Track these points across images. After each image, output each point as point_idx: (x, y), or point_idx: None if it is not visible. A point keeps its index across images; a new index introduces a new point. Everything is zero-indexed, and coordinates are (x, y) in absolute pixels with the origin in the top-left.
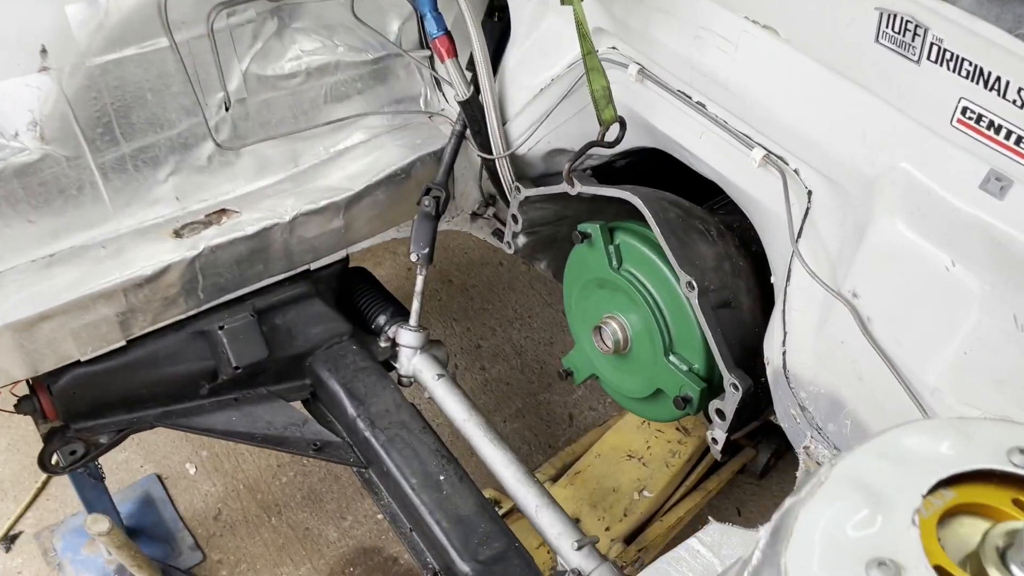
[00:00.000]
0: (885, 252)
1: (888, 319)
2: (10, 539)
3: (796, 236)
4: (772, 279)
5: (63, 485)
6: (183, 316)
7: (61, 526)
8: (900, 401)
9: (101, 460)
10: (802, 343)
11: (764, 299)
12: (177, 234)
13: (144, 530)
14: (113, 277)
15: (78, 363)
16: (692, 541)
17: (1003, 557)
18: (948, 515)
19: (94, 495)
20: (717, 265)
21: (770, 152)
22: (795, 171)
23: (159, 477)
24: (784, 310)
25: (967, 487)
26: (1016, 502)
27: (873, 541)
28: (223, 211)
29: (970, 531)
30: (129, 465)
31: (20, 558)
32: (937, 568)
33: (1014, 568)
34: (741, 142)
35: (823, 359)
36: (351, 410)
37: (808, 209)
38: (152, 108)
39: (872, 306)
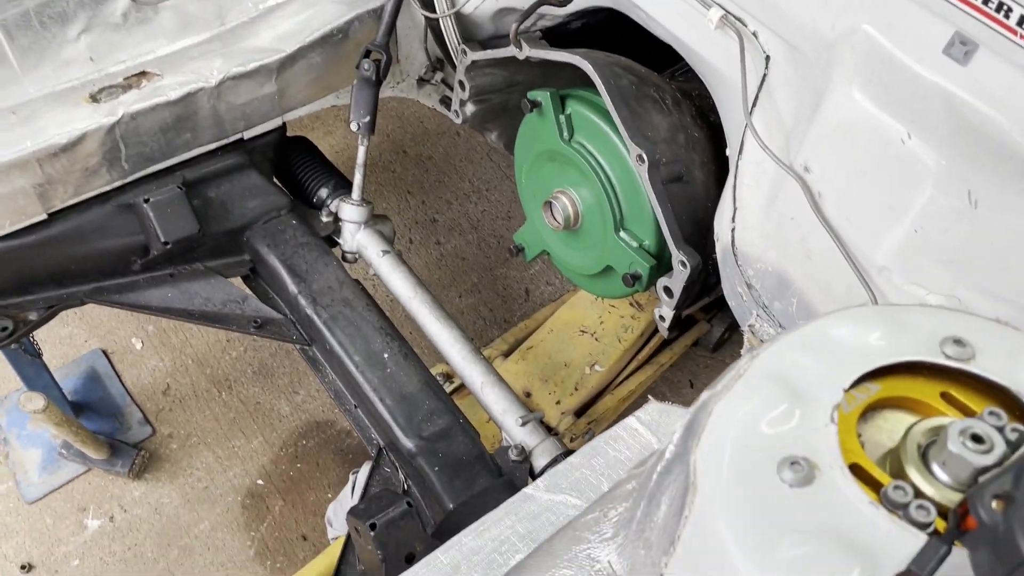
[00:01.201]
0: (840, 123)
1: (839, 195)
2: None
3: (750, 106)
4: (727, 151)
5: (5, 360)
6: (108, 188)
7: (5, 401)
8: (848, 280)
9: (41, 335)
10: (752, 219)
11: (719, 173)
12: (94, 99)
13: (91, 405)
14: (26, 145)
15: None
16: (630, 419)
17: (924, 455)
18: (873, 409)
19: (32, 371)
20: (670, 136)
21: (728, 12)
22: (753, 34)
23: (104, 352)
24: (735, 185)
25: (894, 380)
26: (945, 396)
27: (788, 438)
28: (143, 74)
29: (894, 427)
30: (73, 340)
31: None
32: (853, 467)
33: (935, 467)
34: (698, 1)
35: (772, 236)
36: (292, 287)
37: (765, 76)
38: None
39: (824, 181)
